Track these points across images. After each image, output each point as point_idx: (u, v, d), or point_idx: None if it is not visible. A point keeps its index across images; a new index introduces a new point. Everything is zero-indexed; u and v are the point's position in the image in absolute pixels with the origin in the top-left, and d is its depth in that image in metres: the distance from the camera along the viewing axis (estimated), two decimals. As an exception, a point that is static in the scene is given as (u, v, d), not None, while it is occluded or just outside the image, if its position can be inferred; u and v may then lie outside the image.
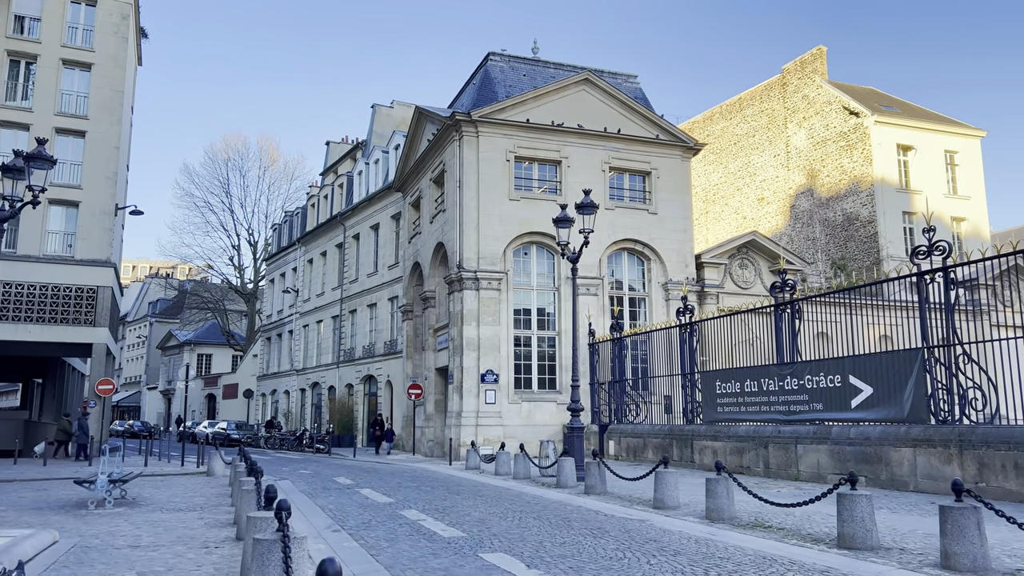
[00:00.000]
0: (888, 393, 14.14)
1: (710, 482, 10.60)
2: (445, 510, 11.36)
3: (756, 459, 17.10)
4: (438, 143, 27.70)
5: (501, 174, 26.08)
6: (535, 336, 26.28)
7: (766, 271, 30.46)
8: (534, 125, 26.40)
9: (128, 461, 21.28)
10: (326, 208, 43.83)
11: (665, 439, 20.90)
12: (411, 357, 31.74)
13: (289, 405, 45.87)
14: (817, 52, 47.71)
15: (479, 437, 24.27)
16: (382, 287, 35.72)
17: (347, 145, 48.14)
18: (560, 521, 10.24)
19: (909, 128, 42.81)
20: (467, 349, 24.88)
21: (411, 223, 32.36)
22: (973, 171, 44.18)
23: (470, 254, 25.37)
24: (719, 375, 19.25)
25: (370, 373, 36.02)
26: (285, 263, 49.87)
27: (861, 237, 42.28)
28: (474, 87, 28.79)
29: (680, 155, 28.77)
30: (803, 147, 47.04)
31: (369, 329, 36.90)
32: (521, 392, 25.51)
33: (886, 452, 13.76)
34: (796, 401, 16.51)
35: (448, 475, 18.93)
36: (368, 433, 35.81)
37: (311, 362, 43.74)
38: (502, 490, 14.78)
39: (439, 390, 28.94)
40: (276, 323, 50.18)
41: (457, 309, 25.45)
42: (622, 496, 13.36)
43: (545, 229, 26.25)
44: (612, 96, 27.77)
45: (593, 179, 27.17)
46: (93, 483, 11.51)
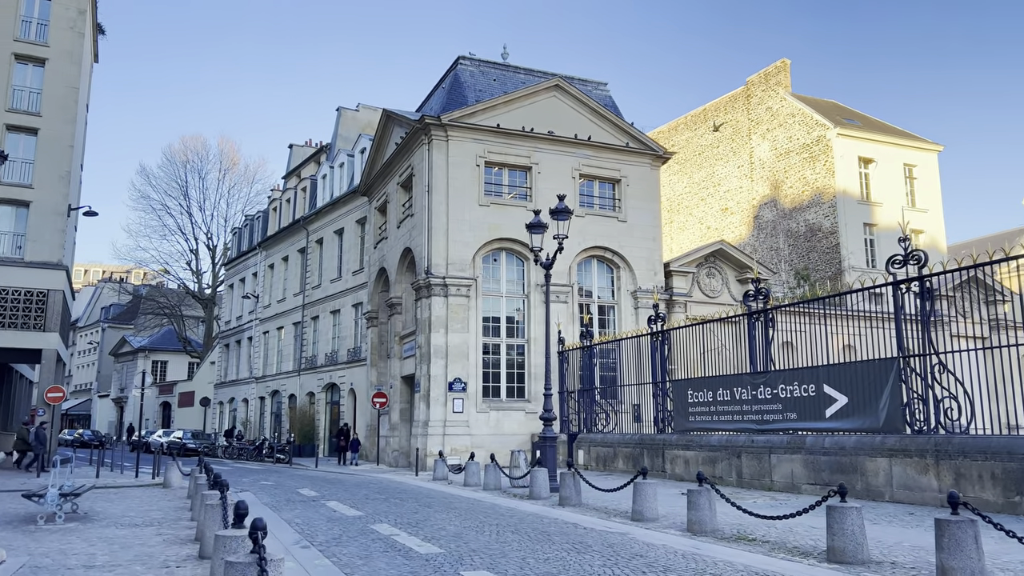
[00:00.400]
0: (863, 402, 14.09)
1: (692, 493, 10.36)
2: (418, 524, 10.93)
3: (729, 469, 16.95)
4: (406, 147, 27.25)
5: (471, 179, 25.73)
6: (504, 344, 25.93)
7: (733, 280, 30.58)
8: (504, 130, 26.12)
9: (79, 472, 20.37)
10: (288, 212, 42.97)
11: (636, 449, 20.68)
12: (375, 365, 31.13)
13: (248, 414, 44.76)
14: (781, 65, 48.37)
15: (446, 447, 23.81)
16: (346, 293, 35.05)
17: (311, 148, 47.33)
18: (539, 535, 9.89)
19: (870, 141, 43.59)
20: (435, 357, 24.42)
21: (377, 228, 31.81)
22: (930, 184, 45.14)
23: (439, 260, 24.95)
24: (691, 384, 19.11)
25: (333, 381, 35.28)
26: (245, 268, 48.79)
27: (823, 248, 42.84)
28: (443, 91, 28.43)
29: (649, 163, 28.74)
30: (767, 158, 47.60)
31: (332, 336, 36.17)
32: (489, 401, 25.13)
33: (861, 462, 13.69)
34: (770, 410, 16.41)
35: (416, 486, 18.44)
36: (331, 443, 35.05)
37: (271, 370, 42.75)
38: (474, 502, 14.37)
39: (405, 399, 28.40)
40: (235, 329, 49.02)
41: (425, 316, 24.99)
42: (598, 508, 13.06)
43: (515, 235, 26.00)
44: (583, 103, 27.64)
45: (563, 186, 26.95)
46: (43, 496, 10.83)
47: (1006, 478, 11.30)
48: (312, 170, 43.77)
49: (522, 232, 25.98)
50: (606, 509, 12.85)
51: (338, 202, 36.58)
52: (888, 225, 42.80)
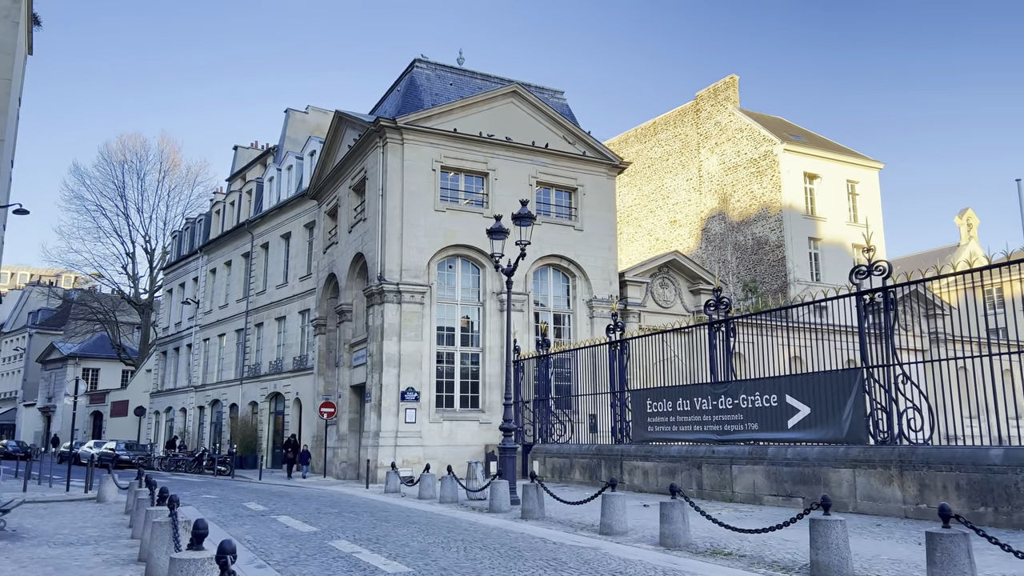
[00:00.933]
0: (826, 413, 14.06)
1: (665, 506, 10.06)
2: (379, 540, 10.36)
3: (689, 480, 16.78)
4: (360, 149, 26.58)
5: (426, 184, 25.21)
6: (458, 352, 25.42)
7: (686, 291, 30.72)
8: (462, 135, 25.70)
9: (4, 486, 19.05)
10: (232, 215, 41.65)
11: (593, 460, 20.40)
12: (323, 374, 30.22)
13: (186, 424, 43.06)
14: (730, 80, 49.17)
15: (398, 458, 23.14)
16: (292, 299, 34.03)
17: (257, 151, 46.04)
18: (509, 551, 9.44)
19: (815, 157, 44.56)
20: (387, 365, 23.75)
21: (327, 232, 30.96)
22: (871, 201, 46.37)
23: (392, 266, 24.33)
24: (650, 394, 18.93)
25: (277, 390, 34.16)
26: (185, 273, 47.09)
27: (770, 261, 43.52)
28: (398, 94, 27.87)
29: (606, 173, 28.68)
30: (715, 172, 48.25)
31: (277, 344, 35.06)
32: (443, 411, 24.56)
33: (824, 473, 13.64)
34: (731, 421, 16.31)
35: (368, 499, 17.77)
36: (276, 454, 33.90)
37: (212, 378, 41.25)
38: (432, 516, 13.84)
39: (354, 408, 27.59)
40: (174, 336, 47.23)
41: (377, 323, 24.31)
42: (562, 521, 12.68)
43: (471, 242, 25.58)
44: (540, 110, 27.43)
45: (520, 193, 26.64)
46: (-35, 515, 9.91)
47: (971, 489, 11.33)
48: (258, 173, 42.56)
49: (478, 239, 25.63)
50: (571, 522, 12.48)
51: (285, 205, 35.56)
52: (831, 240, 43.77)
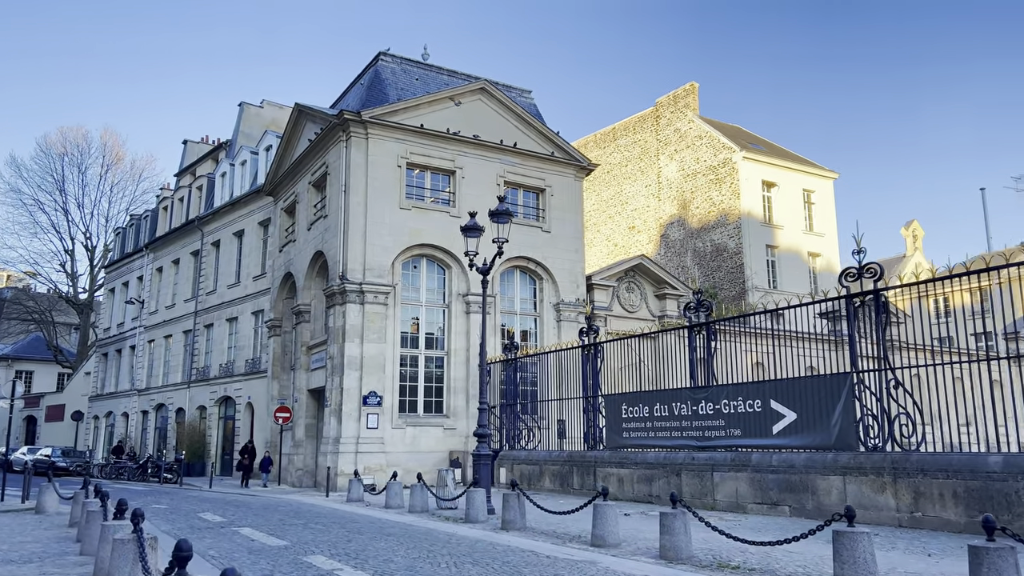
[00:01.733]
0: (813, 419, 13.71)
1: (666, 516, 9.47)
2: (358, 555, 9.54)
3: (667, 487, 16.29)
4: (321, 144, 25.57)
5: (392, 180, 24.35)
6: (422, 356, 24.57)
7: (651, 296, 30.42)
8: (429, 131, 24.92)
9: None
10: (181, 212, 39.96)
11: (564, 467, 19.80)
12: (278, 377, 28.99)
13: (128, 429, 41.08)
14: (690, 88, 49.38)
15: (359, 465, 22.17)
16: (245, 299, 32.67)
17: (207, 145, 44.36)
18: (504, 567, 8.74)
19: (772, 166, 44.94)
20: (348, 368, 22.78)
21: (283, 230, 29.77)
22: (826, 210, 46.94)
23: (355, 265, 23.38)
24: (626, 398, 18.43)
25: (228, 394, 32.72)
26: (130, 271, 45.05)
27: (728, 267, 43.68)
28: (362, 87, 26.94)
29: (574, 174, 28.22)
30: (674, 178, 48.35)
31: (228, 346, 33.61)
32: (406, 416, 23.68)
33: (812, 480, 13.27)
34: (712, 427, 15.88)
35: (332, 509, 16.83)
36: (226, 461, 32.44)
37: (157, 381, 39.42)
38: (406, 527, 13.03)
39: (311, 413, 26.48)
40: (116, 337, 45.12)
41: (338, 324, 23.32)
42: (546, 532, 12.01)
43: (437, 242, 24.82)
44: (509, 109, 26.82)
45: (487, 192, 26.00)
46: None
47: (968, 497, 11.04)
48: (209, 168, 40.97)
49: (444, 239, 24.88)
50: (556, 533, 11.82)
51: (239, 202, 34.18)
52: (788, 247, 44.15)
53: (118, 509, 7.65)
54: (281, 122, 39.18)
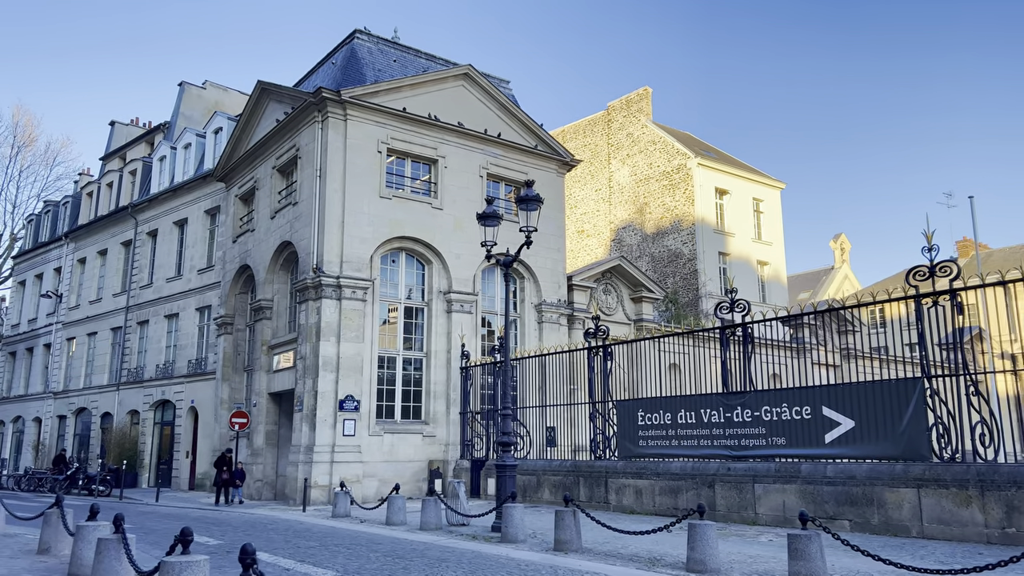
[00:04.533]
0: (876, 427, 12.83)
1: (798, 540, 8.24)
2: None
3: (697, 500, 15.14)
4: (291, 125, 23.42)
5: (371, 167, 22.48)
6: (400, 357, 22.76)
7: (628, 299, 29.50)
8: (411, 116, 23.19)
9: None
10: (110, 198, 36.56)
11: (567, 477, 18.45)
12: (228, 379, 26.50)
13: (41, 435, 37.22)
14: (643, 92, 49.09)
15: (335, 475, 20.22)
16: (188, 294, 29.89)
17: (138, 128, 40.92)
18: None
19: (725, 174, 45.01)
20: (323, 370, 20.75)
21: (238, 219, 27.31)
22: (774, 219, 47.38)
23: (331, 256, 21.39)
24: (642, 404, 17.24)
25: (166, 398, 29.83)
26: (45, 262, 41.02)
27: (682, 273, 43.39)
28: (334, 67, 24.92)
29: (556, 169, 27.01)
30: (626, 183, 47.90)
31: (167, 344, 30.70)
32: (383, 423, 21.81)
33: (879, 493, 12.36)
34: (749, 435, 14.86)
35: (331, 528, 14.91)
36: (161, 471, 29.53)
37: (77, 383, 35.84)
38: (447, 549, 11.40)
39: (272, 419, 24.19)
40: (26, 334, 40.97)
41: (312, 321, 21.26)
42: (615, 554, 10.60)
43: (417, 235, 23.12)
44: (492, 97, 25.37)
45: (470, 183, 24.51)
46: None
47: (1071, 511, 10.31)
48: (143, 152, 37.70)
49: (425, 232, 23.25)
50: (631, 557, 10.40)
51: (181, 188, 31.35)
52: (739, 255, 44.25)
53: (117, 528, 5.86)
54: (225, 104, 36.48)
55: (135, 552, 8.08)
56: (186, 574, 5.91)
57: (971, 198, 26.79)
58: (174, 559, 6.06)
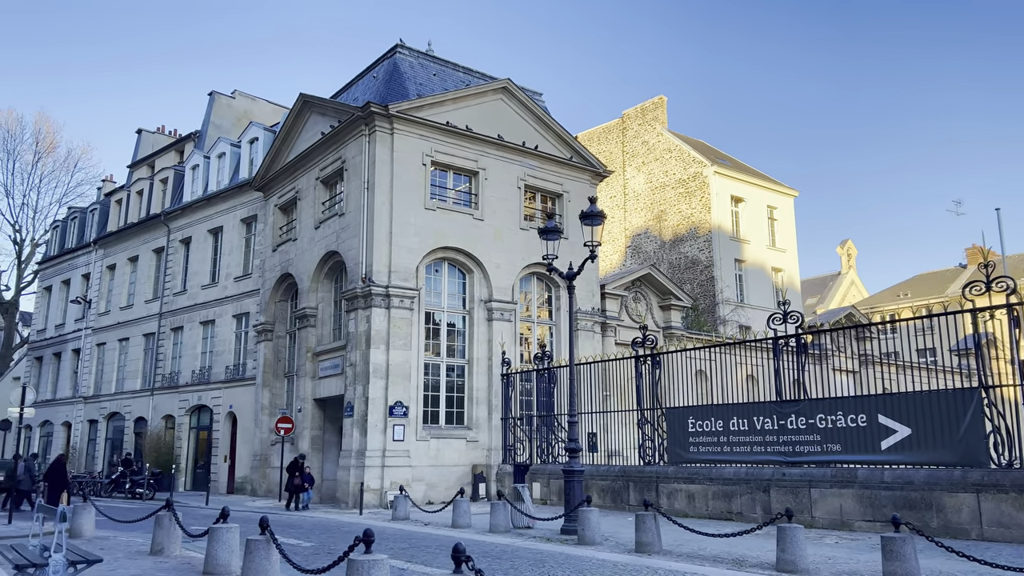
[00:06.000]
0: (932, 434, 13.45)
1: (892, 541, 8.84)
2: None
3: (752, 504, 15.78)
4: (337, 137, 24.01)
5: (417, 179, 23.09)
6: (443, 364, 23.35)
7: (656, 307, 30.12)
8: (453, 129, 23.80)
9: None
10: (140, 206, 37.08)
11: (616, 481, 19.04)
12: (269, 385, 27.04)
13: (71, 440, 37.69)
14: (658, 101, 49.78)
15: (386, 479, 20.81)
16: (225, 302, 30.43)
17: (165, 136, 41.47)
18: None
19: (740, 181, 45.68)
20: (373, 377, 21.32)
21: (277, 228, 27.87)
22: (787, 227, 48.05)
23: (380, 267, 21.98)
24: (693, 411, 17.84)
25: (203, 403, 30.36)
26: (72, 268, 41.50)
27: (699, 280, 43.98)
28: (375, 80, 25.53)
29: (589, 180, 27.64)
30: (642, 191, 48.53)
31: (203, 351, 31.22)
32: (429, 428, 22.39)
33: (938, 497, 12.97)
34: (804, 441, 15.46)
35: (402, 530, 15.48)
36: (198, 475, 30.04)
37: (108, 388, 36.32)
38: (535, 552, 11.99)
39: (317, 424, 24.75)
40: (54, 339, 41.45)
41: (361, 330, 21.83)
42: (698, 556, 11.20)
43: (460, 245, 23.73)
44: (529, 110, 26.00)
45: (509, 195, 25.14)
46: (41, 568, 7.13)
47: None
48: (172, 160, 38.21)
49: (466, 242, 23.86)
50: (715, 558, 10.99)
51: (215, 197, 31.90)
52: (754, 262, 44.88)
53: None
54: (254, 113, 37.07)
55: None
56: (374, 571, 6.48)
57: (998, 210, 27.47)
58: (360, 557, 6.66)
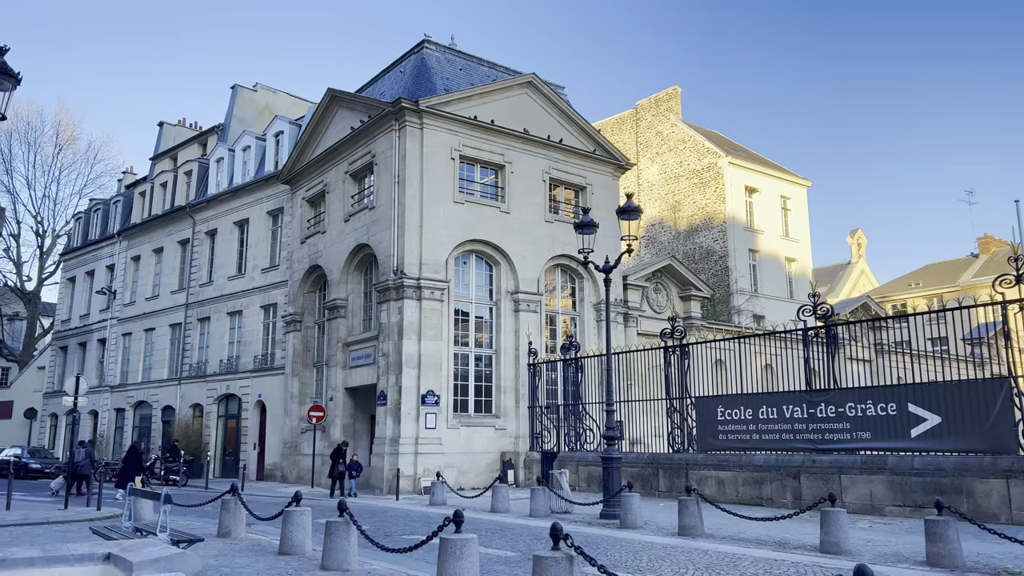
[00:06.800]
0: (963, 423, 13.92)
1: (934, 524, 9.32)
2: (642, 569, 9.01)
3: (782, 490, 16.29)
4: (367, 132, 24.45)
5: (445, 173, 23.54)
6: (472, 354, 23.87)
7: (676, 297, 30.58)
8: (481, 124, 24.22)
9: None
10: (163, 197, 37.59)
11: (645, 468, 19.56)
12: (299, 374, 27.61)
13: (100, 428, 38.39)
14: (672, 92, 49.98)
15: (419, 466, 21.39)
16: (252, 293, 30.98)
17: (187, 129, 41.93)
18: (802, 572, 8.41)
19: (754, 172, 45.94)
20: (406, 367, 21.86)
21: (305, 221, 28.36)
22: (801, 217, 48.32)
23: (411, 259, 22.47)
24: (722, 400, 18.35)
25: (231, 392, 30.96)
26: (96, 259, 42.09)
27: (713, 270, 44.34)
28: (402, 75, 25.93)
29: (612, 172, 28.05)
30: (656, 181, 48.83)
31: (230, 341, 31.80)
32: (459, 416, 22.94)
33: (968, 483, 13.46)
34: (833, 430, 15.95)
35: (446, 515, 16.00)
36: (226, 462, 30.69)
37: (135, 377, 36.97)
38: (585, 536, 12.45)
39: (348, 413, 25.32)
40: (79, 329, 42.09)
41: (394, 320, 22.34)
42: (740, 538, 11.71)
43: (487, 237, 24.20)
44: (553, 104, 26.39)
45: (534, 188, 25.57)
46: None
47: None
48: (195, 153, 38.70)
49: (494, 234, 24.32)
50: (750, 539, 11.52)
51: (241, 190, 32.38)
52: (768, 252, 45.21)
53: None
54: (275, 106, 37.49)
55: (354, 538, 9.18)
56: (466, 549, 7.00)
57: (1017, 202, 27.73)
58: (452, 536, 7.17)
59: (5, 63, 9.59)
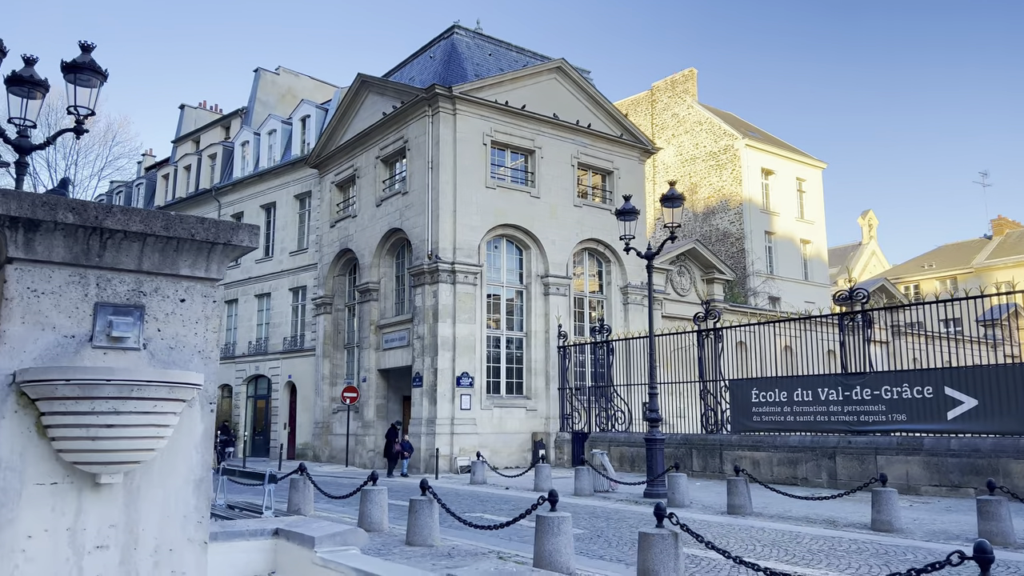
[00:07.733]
0: (999, 405, 14.36)
1: (987, 503, 9.75)
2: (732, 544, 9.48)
3: (817, 470, 16.78)
4: (399, 117, 24.74)
5: (478, 159, 23.85)
6: (503, 337, 24.32)
7: (699, 280, 30.96)
8: (511, 109, 24.49)
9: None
10: (187, 180, 37.95)
11: (679, 449, 20.04)
12: (329, 356, 28.12)
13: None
14: (688, 73, 49.99)
15: (455, 447, 21.93)
16: (281, 275, 31.43)
17: (208, 112, 42.18)
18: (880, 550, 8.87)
19: (770, 154, 46.06)
20: (441, 349, 22.33)
21: (334, 205, 28.72)
22: (816, 199, 48.52)
23: (445, 243, 22.86)
24: (756, 383, 18.79)
25: (261, 373, 31.52)
26: (119, 241, 42.46)
27: (730, 252, 44.64)
28: (433, 60, 26.15)
29: (638, 157, 28.32)
30: (671, 163, 48.97)
31: (259, 323, 32.31)
32: (492, 397, 23.45)
33: (1004, 464, 13.91)
34: (869, 412, 16.40)
35: (495, 494, 16.56)
36: (256, 442, 31.32)
37: (161, 358, 37.52)
38: (636, 514, 13.00)
39: (381, 394, 25.84)
40: (102, 311, 42.60)
41: (429, 304, 22.79)
42: (784, 516, 12.19)
43: (518, 222, 24.55)
44: (582, 89, 26.62)
45: (563, 173, 25.88)
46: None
47: None
48: (217, 136, 38.97)
49: (524, 219, 24.67)
50: (798, 518, 12.00)
51: (268, 173, 32.72)
52: (783, 234, 45.45)
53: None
54: (298, 89, 37.71)
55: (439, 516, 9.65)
56: (563, 526, 7.46)
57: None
58: (547, 514, 7.63)
59: (93, 60, 9.94)
